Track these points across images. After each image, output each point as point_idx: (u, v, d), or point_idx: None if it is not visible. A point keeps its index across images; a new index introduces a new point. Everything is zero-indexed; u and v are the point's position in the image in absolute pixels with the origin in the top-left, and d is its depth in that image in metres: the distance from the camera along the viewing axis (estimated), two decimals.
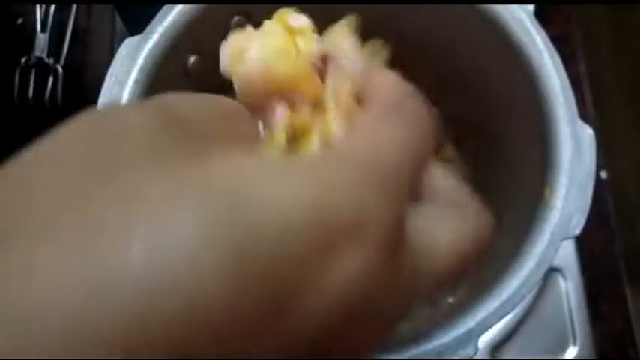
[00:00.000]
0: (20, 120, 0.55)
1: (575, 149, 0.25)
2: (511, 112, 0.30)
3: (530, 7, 0.27)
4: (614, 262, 0.53)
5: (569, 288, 0.43)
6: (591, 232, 0.54)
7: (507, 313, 0.24)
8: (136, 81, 0.28)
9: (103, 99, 0.27)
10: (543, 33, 0.27)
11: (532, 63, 0.27)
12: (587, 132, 0.26)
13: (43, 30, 0.58)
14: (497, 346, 0.42)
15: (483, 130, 0.33)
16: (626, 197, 0.55)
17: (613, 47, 0.57)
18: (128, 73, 0.28)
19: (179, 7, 0.29)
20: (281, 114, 0.17)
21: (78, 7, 0.59)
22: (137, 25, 0.30)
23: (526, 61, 0.27)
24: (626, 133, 0.55)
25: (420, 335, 0.25)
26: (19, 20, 0.59)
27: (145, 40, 0.28)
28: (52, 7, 0.58)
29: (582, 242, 0.52)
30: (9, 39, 0.58)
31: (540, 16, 0.56)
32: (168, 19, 0.29)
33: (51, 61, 0.56)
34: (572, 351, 0.42)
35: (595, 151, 0.26)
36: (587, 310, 0.43)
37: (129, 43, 0.28)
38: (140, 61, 0.28)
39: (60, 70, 0.56)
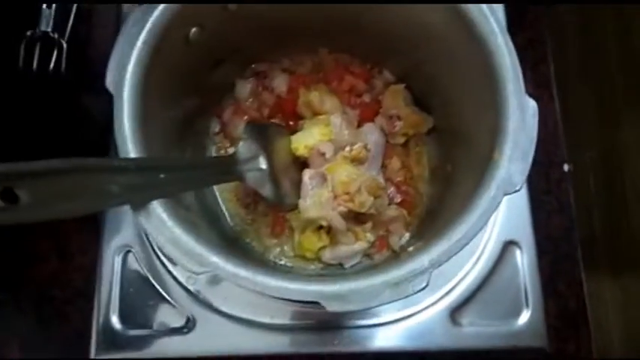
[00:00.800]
0: (23, 90, 0.58)
1: (520, 118, 0.30)
2: (470, 87, 0.35)
3: (498, 6, 0.31)
4: (572, 248, 0.58)
5: (525, 260, 0.48)
6: (553, 219, 0.58)
7: (455, 253, 0.28)
8: (144, 42, 0.32)
9: (114, 56, 0.31)
10: (502, 23, 0.31)
11: (489, 45, 0.31)
12: (531, 104, 0.30)
13: (49, 6, 0.60)
14: (457, 309, 0.46)
15: (448, 102, 0.37)
16: (587, 189, 0.59)
17: (579, 49, 0.61)
18: (137, 34, 0.31)
19: None
20: None
21: None
22: None
23: (484, 43, 0.32)
24: (589, 129, 0.60)
25: (381, 270, 0.29)
26: None
27: (153, 9, 0.32)
28: None
29: (544, 228, 0.56)
30: (15, 13, 0.61)
31: (516, 20, 0.62)
32: None
33: (55, 35, 0.58)
34: (525, 316, 0.46)
35: (537, 120, 0.30)
36: (540, 282, 0.48)
37: (139, 9, 0.32)
38: (148, 25, 0.32)
39: (64, 44, 0.58)
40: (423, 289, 0.28)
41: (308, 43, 0.46)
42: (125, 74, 0.31)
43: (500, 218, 0.49)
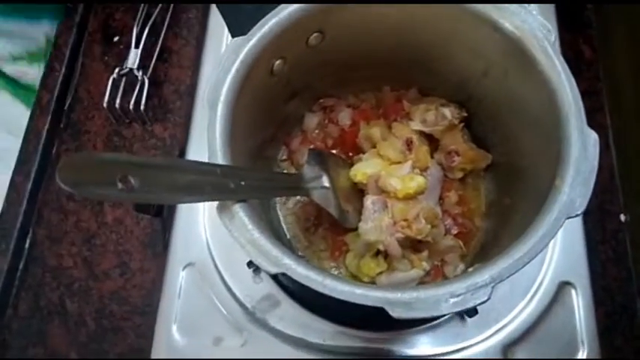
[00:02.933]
0: (107, 118, 0.65)
1: (582, 149, 0.32)
2: (531, 122, 0.37)
3: (552, 37, 0.34)
4: (630, 300, 0.56)
5: (580, 302, 0.47)
6: (609, 270, 0.58)
7: (517, 270, 0.30)
8: (237, 70, 0.36)
9: (212, 79, 0.35)
10: (561, 57, 0.34)
11: (551, 82, 0.34)
12: (593, 136, 0.32)
13: (136, 46, 0.67)
14: (510, 345, 0.46)
15: (507, 138, 0.39)
16: None
17: (634, 97, 0.62)
18: (232, 63, 0.36)
19: (274, 19, 0.37)
20: None
21: (167, 30, 0.70)
22: (237, 29, 0.39)
23: (546, 80, 0.34)
24: None
25: (444, 282, 0.30)
26: (116, 38, 0.70)
27: (247, 41, 0.37)
28: (146, 29, 0.68)
29: (600, 279, 0.56)
30: (108, 52, 0.69)
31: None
32: (265, 28, 0.37)
33: (139, 73, 0.65)
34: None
35: (598, 151, 0.32)
36: (596, 323, 0.47)
37: (234, 41, 0.37)
38: (242, 56, 0.36)
39: (146, 81, 0.65)
40: (485, 302, 0.29)
41: (373, 81, 0.50)
42: (220, 95, 0.35)
43: (556, 259, 0.49)
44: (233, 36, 0.38)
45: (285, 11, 0.38)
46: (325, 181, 0.43)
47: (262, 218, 0.38)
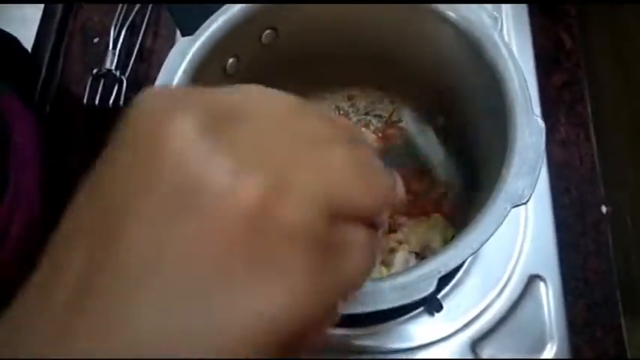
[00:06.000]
0: (87, 120, 0.65)
1: (528, 137, 0.31)
2: (482, 110, 0.37)
3: (498, 25, 0.34)
4: (611, 292, 0.56)
5: (550, 295, 0.47)
6: (590, 262, 0.57)
7: (461, 261, 0.29)
8: (184, 71, 0.36)
9: (158, 82, 0.35)
10: (509, 46, 0.33)
11: (498, 70, 0.33)
12: (539, 123, 0.32)
13: (114, 47, 0.68)
14: (478, 340, 0.46)
15: (463, 124, 0.39)
16: (624, 231, 0.57)
17: (615, 92, 0.61)
18: (179, 65, 0.36)
19: (223, 17, 0.37)
20: None
21: (145, 30, 0.70)
22: (189, 28, 0.38)
23: (494, 68, 0.34)
24: (625, 170, 0.59)
25: (390, 276, 0.30)
26: (96, 39, 0.71)
27: (194, 41, 0.37)
28: (124, 30, 0.69)
29: (580, 271, 0.55)
30: (86, 54, 0.70)
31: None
32: (213, 26, 0.37)
33: (118, 73, 0.65)
34: (549, 352, 0.45)
35: (544, 138, 0.31)
36: (565, 317, 0.46)
37: (181, 42, 0.37)
38: (189, 57, 0.36)
39: (124, 81, 0.65)
40: (431, 294, 0.29)
41: (333, 78, 0.49)
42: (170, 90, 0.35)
43: (526, 252, 0.49)
44: (183, 35, 0.38)
45: (234, 8, 0.37)
46: None
47: None
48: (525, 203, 0.30)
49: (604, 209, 0.60)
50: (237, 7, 0.37)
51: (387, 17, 0.39)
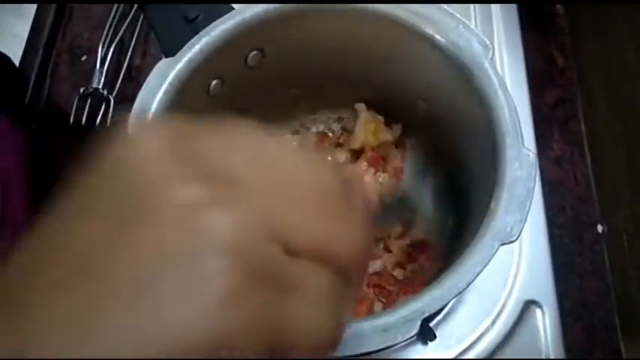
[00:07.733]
0: (73, 139, 0.64)
1: (517, 170, 0.30)
2: (471, 140, 0.35)
3: (489, 53, 0.33)
4: (609, 313, 0.54)
5: (547, 321, 0.45)
6: (587, 283, 0.55)
7: (446, 301, 0.28)
8: (165, 92, 0.35)
9: (137, 103, 0.34)
10: (499, 74, 0.32)
11: (488, 98, 0.32)
12: (530, 156, 0.30)
13: (101, 66, 0.66)
14: None
15: (450, 155, 0.37)
16: (622, 250, 0.56)
17: (608, 109, 0.61)
18: (159, 86, 0.34)
19: (205, 38, 0.36)
20: None
21: (134, 48, 0.69)
22: (172, 49, 0.37)
23: (483, 97, 0.33)
24: (620, 187, 0.58)
25: (371, 317, 0.29)
26: (84, 57, 0.70)
27: (176, 62, 0.36)
28: (112, 48, 0.67)
29: (577, 293, 0.54)
30: (74, 72, 0.68)
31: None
32: (195, 48, 0.36)
33: (105, 92, 0.64)
34: None
35: (536, 172, 0.30)
36: (563, 343, 0.45)
37: (162, 63, 0.35)
38: (169, 78, 0.35)
39: (112, 100, 0.64)
40: (413, 337, 0.27)
41: (322, 99, 0.48)
42: (145, 120, 0.34)
43: (521, 277, 0.47)
44: (166, 56, 0.37)
45: (218, 29, 0.36)
46: None
47: None
48: (514, 241, 0.28)
49: (600, 228, 0.59)
50: (221, 28, 0.36)
51: (374, 40, 0.38)
